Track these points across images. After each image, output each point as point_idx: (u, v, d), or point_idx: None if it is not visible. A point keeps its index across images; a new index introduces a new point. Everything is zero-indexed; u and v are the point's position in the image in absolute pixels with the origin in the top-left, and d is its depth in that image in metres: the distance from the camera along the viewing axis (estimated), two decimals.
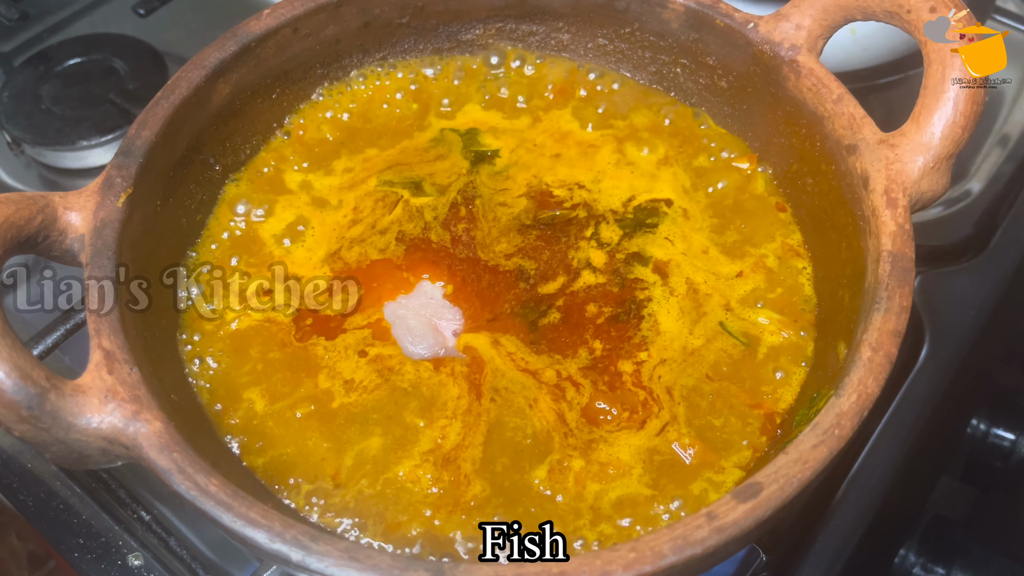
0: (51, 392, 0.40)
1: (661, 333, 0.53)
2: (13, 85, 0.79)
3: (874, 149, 0.49)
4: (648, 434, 0.49)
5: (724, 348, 0.52)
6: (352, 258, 0.56)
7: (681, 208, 0.58)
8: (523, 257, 0.56)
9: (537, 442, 0.49)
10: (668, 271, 0.56)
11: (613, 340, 0.53)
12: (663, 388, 0.51)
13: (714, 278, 0.55)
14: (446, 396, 0.51)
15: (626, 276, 0.55)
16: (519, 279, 0.55)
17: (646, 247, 0.57)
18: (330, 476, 0.48)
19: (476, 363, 0.52)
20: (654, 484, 0.48)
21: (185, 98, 0.53)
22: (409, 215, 0.58)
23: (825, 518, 0.56)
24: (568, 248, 0.57)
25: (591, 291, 0.55)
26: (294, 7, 0.58)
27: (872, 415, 0.42)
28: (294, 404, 0.50)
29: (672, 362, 0.52)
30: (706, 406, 0.50)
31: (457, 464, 0.48)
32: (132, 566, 0.54)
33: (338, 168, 0.60)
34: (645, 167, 0.60)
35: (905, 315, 0.44)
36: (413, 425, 0.50)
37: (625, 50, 0.63)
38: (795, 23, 0.55)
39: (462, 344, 0.53)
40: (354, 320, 0.53)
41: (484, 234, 0.57)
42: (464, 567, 0.38)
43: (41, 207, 0.45)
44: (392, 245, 0.57)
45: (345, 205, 0.58)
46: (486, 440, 0.49)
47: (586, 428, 0.49)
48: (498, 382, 0.51)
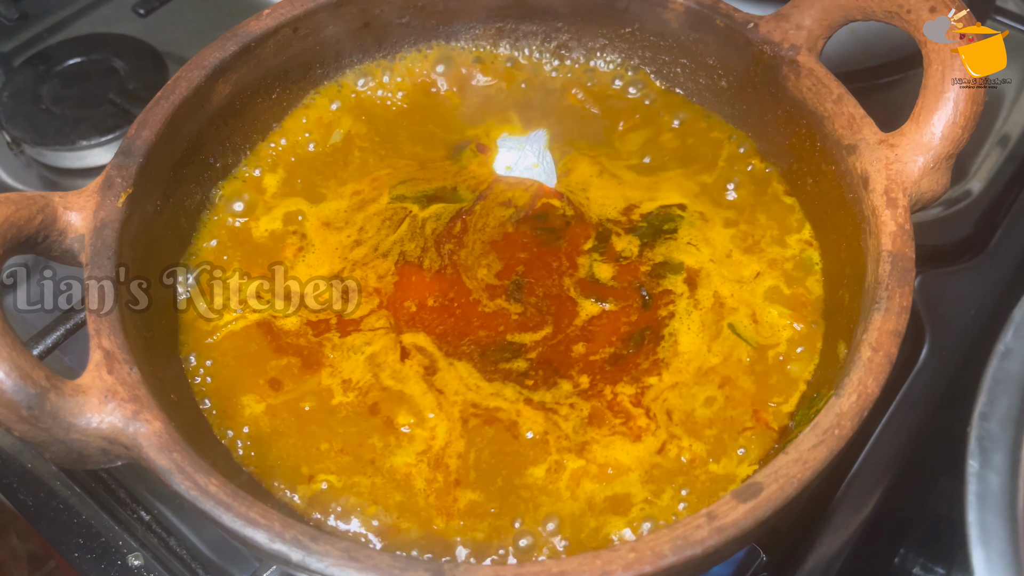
0: (51, 392, 0.40)
1: (679, 354, 0.52)
2: (13, 85, 0.79)
3: (874, 149, 0.49)
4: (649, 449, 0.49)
5: (740, 358, 0.51)
6: (357, 255, 0.56)
7: (697, 211, 0.57)
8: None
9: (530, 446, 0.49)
10: (699, 281, 0.54)
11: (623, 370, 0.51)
12: (665, 410, 0.50)
13: (739, 287, 0.54)
14: (445, 390, 0.51)
15: (652, 291, 0.53)
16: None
17: (672, 254, 0.56)
18: (329, 475, 0.48)
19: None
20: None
21: (185, 98, 0.53)
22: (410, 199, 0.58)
23: (825, 518, 0.56)
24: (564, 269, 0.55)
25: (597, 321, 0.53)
26: (294, 7, 0.58)
27: (872, 415, 0.42)
28: (294, 403, 0.50)
29: (683, 386, 0.50)
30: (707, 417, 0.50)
31: (450, 463, 0.48)
32: (132, 566, 0.54)
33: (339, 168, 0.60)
34: (653, 165, 0.60)
35: (905, 315, 0.44)
36: (409, 424, 0.50)
37: (625, 50, 0.63)
38: (795, 23, 0.55)
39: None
40: (356, 320, 0.53)
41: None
42: (464, 567, 0.38)
43: (41, 207, 0.45)
44: (394, 243, 0.57)
45: (345, 194, 0.58)
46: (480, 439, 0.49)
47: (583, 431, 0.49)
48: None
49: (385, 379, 0.51)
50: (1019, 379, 0.36)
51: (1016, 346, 0.37)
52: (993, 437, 0.34)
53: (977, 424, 0.35)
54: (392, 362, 0.52)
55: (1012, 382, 0.36)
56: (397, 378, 0.51)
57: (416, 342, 0.52)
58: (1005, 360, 0.37)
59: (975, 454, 0.34)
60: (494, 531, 0.46)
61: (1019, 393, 0.35)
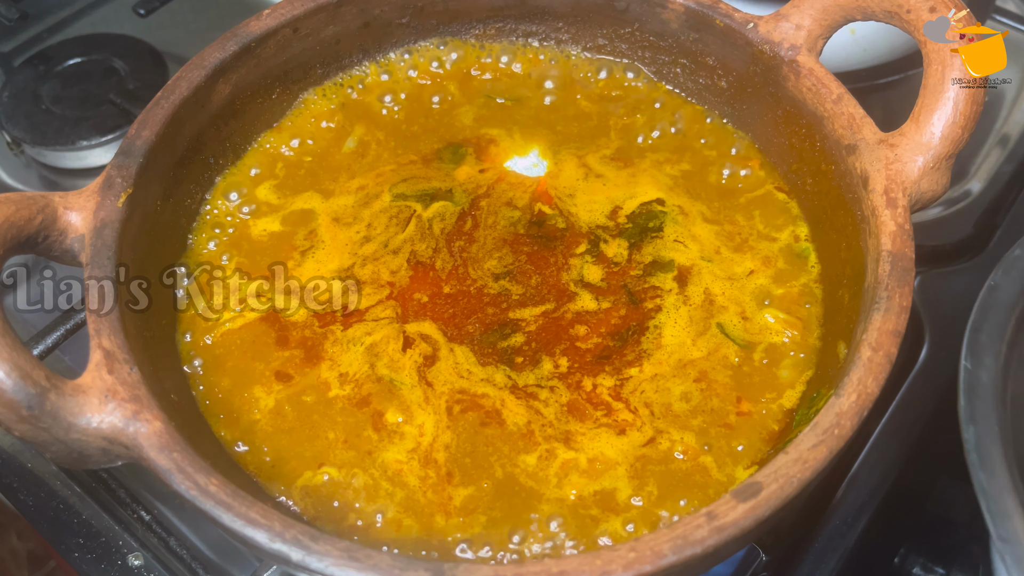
0: (51, 392, 0.40)
1: (662, 346, 0.52)
2: (13, 85, 0.79)
3: (874, 149, 0.49)
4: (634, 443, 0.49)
5: (726, 355, 0.52)
6: (367, 251, 0.56)
7: (677, 205, 0.58)
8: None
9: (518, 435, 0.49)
10: (689, 278, 0.55)
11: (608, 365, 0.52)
12: (643, 401, 0.50)
13: (730, 285, 0.54)
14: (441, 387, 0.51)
15: (634, 291, 0.54)
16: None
17: (660, 252, 0.56)
18: (328, 474, 0.48)
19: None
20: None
21: (185, 98, 0.53)
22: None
23: (825, 518, 0.56)
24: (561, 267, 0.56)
25: (588, 318, 0.53)
26: (294, 7, 0.58)
27: (872, 415, 0.42)
28: (294, 403, 0.50)
29: (661, 377, 0.51)
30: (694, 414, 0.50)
31: (439, 456, 0.48)
32: (132, 566, 0.54)
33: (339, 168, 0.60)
34: (654, 165, 0.60)
35: (905, 315, 0.44)
36: (407, 421, 0.50)
37: (625, 50, 0.63)
38: (795, 23, 0.55)
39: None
40: (361, 310, 0.53)
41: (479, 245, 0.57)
42: (464, 567, 0.38)
43: (41, 207, 0.45)
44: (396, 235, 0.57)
45: (346, 196, 0.58)
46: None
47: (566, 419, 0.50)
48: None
49: (380, 369, 0.51)
50: (1006, 304, 0.45)
51: (1003, 281, 0.46)
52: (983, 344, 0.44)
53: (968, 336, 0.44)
54: (392, 351, 0.52)
55: (1000, 307, 0.45)
56: (393, 368, 0.51)
57: (421, 330, 0.53)
58: (992, 293, 0.45)
59: (967, 357, 0.44)
60: (491, 524, 0.46)
61: (1005, 312, 0.45)
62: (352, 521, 0.47)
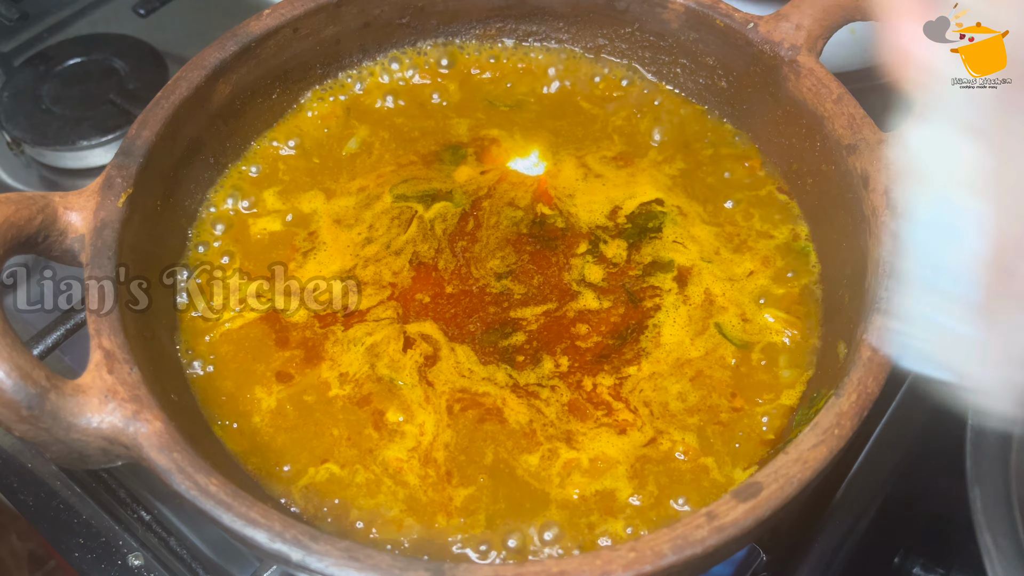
0: (51, 392, 0.40)
1: (661, 345, 0.52)
2: (13, 85, 0.79)
3: (874, 149, 0.50)
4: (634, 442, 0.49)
5: (723, 355, 0.52)
6: (369, 252, 0.56)
7: (676, 206, 0.58)
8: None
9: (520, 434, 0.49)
10: (689, 279, 0.55)
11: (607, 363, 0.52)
12: (642, 400, 0.50)
13: (730, 286, 0.54)
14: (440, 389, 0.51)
15: (633, 290, 0.54)
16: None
17: (659, 252, 0.56)
18: (328, 473, 0.48)
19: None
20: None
21: (185, 98, 0.53)
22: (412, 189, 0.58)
23: (825, 518, 0.56)
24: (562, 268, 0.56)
25: (588, 316, 0.53)
26: (294, 7, 0.58)
27: (872, 415, 0.42)
28: (295, 403, 0.50)
29: (659, 376, 0.51)
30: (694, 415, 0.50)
31: (438, 455, 0.48)
32: (132, 566, 0.54)
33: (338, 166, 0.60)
34: (653, 165, 0.60)
35: None
36: (408, 420, 0.50)
37: (625, 50, 0.63)
38: (795, 23, 0.55)
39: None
40: (362, 311, 0.53)
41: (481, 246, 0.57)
42: (464, 567, 0.38)
43: (41, 207, 0.45)
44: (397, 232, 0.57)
45: (347, 197, 0.58)
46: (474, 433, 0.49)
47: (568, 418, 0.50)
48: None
49: (381, 368, 0.51)
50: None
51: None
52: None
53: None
54: (393, 351, 0.52)
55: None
56: (394, 368, 0.51)
57: (422, 330, 0.53)
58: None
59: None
60: (492, 524, 0.46)
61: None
62: (352, 521, 0.47)
